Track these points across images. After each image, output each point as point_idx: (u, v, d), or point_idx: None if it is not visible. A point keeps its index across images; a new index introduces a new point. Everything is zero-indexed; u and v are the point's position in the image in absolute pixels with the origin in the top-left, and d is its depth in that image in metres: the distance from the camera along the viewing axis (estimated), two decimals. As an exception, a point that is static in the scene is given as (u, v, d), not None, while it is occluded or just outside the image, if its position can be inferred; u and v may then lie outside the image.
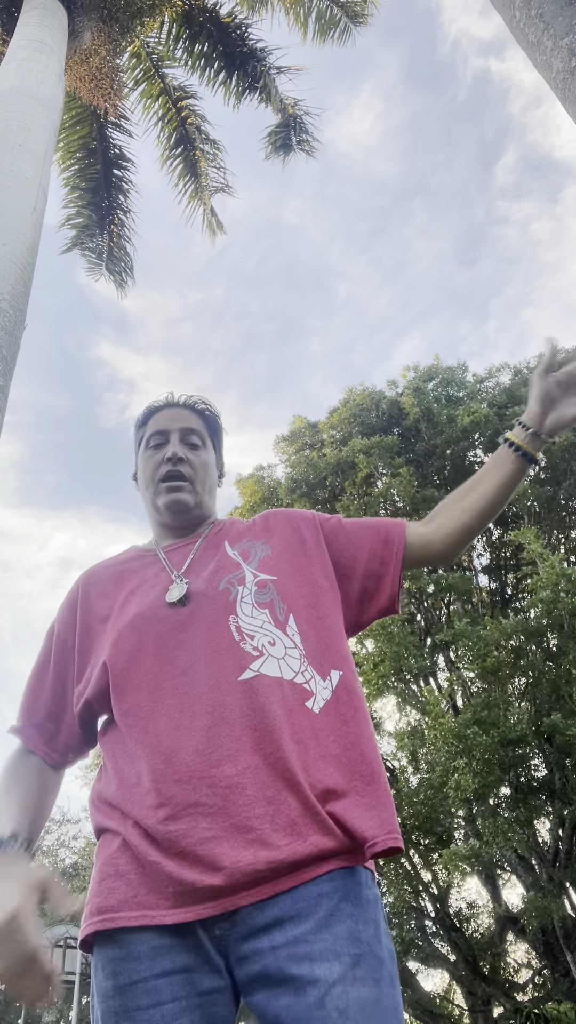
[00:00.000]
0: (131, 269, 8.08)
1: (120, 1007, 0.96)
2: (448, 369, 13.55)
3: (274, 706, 1.09)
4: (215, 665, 1.13)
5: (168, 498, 1.39)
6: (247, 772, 1.04)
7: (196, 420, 1.48)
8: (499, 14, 3.43)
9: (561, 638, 9.89)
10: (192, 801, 1.03)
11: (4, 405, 3.32)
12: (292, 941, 0.96)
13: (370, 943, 0.98)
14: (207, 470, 1.45)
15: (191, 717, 1.09)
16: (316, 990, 0.92)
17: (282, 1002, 0.93)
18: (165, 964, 0.97)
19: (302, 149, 8.18)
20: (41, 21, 5.38)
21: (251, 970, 0.97)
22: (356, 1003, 0.92)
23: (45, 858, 19.75)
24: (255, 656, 1.14)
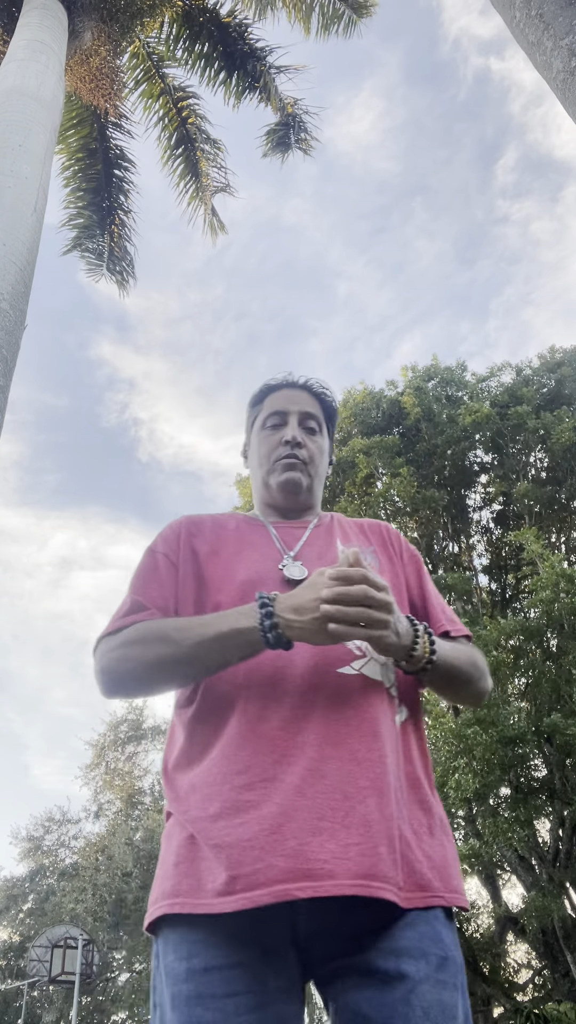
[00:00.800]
0: (132, 269, 8.08)
1: (193, 992, 0.93)
2: (448, 369, 13.54)
3: (368, 708, 1.09)
4: (315, 652, 1.11)
5: (283, 476, 1.37)
6: (329, 762, 1.02)
7: (314, 404, 1.45)
8: (499, 14, 3.42)
9: (561, 638, 9.89)
10: (272, 775, 1.01)
11: (4, 405, 3.32)
12: (379, 937, 0.97)
13: (451, 947, 1.00)
14: (322, 456, 1.44)
15: (283, 694, 1.08)
16: (403, 986, 0.93)
17: (365, 994, 0.94)
18: (241, 955, 0.95)
19: (300, 148, 8.18)
20: (41, 21, 5.38)
21: (334, 963, 0.97)
22: (438, 1005, 0.93)
23: (45, 858, 19.77)
24: (357, 655, 1.13)
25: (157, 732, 18.73)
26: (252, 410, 1.50)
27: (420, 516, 12.16)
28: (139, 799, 18.61)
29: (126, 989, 18.07)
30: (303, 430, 1.41)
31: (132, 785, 18.50)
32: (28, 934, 18.53)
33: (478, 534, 13.31)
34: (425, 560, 12.86)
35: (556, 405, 12.34)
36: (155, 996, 1.01)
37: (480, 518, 13.25)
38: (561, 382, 12.65)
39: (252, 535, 1.33)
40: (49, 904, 18.25)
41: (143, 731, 18.64)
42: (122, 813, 18.19)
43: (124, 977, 18.50)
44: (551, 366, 13.14)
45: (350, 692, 1.09)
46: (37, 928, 17.94)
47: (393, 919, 0.98)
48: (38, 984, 16.00)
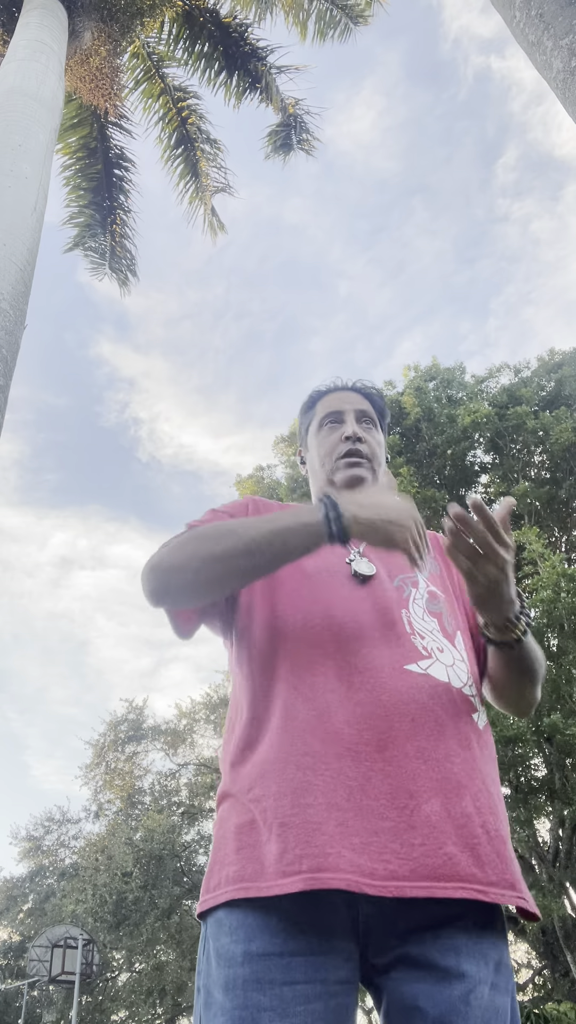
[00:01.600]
0: (134, 268, 8.09)
1: (251, 975, 0.91)
2: (447, 370, 13.55)
3: (434, 707, 1.07)
4: (383, 647, 1.10)
5: (348, 473, 1.36)
6: (394, 760, 1.01)
7: (366, 403, 1.47)
8: (499, 14, 3.43)
9: (561, 638, 9.89)
10: (336, 768, 1.00)
11: (4, 404, 3.32)
12: (438, 933, 0.96)
13: (506, 952, 1.00)
14: (382, 451, 1.44)
15: (348, 687, 1.06)
16: (463, 985, 0.92)
17: (422, 986, 0.92)
18: (300, 944, 0.93)
19: (302, 148, 8.19)
20: (41, 21, 5.39)
21: (392, 953, 0.96)
22: (493, 1009, 0.92)
23: (45, 858, 19.78)
24: (424, 656, 1.12)
25: (157, 732, 18.73)
26: (304, 417, 1.52)
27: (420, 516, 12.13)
28: (139, 799, 18.61)
29: (126, 989, 18.07)
30: (361, 426, 1.42)
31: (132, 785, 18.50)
32: (28, 934, 18.54)
33: (478, 534, 13.28)
34: (425, 560, 12.86)
35: (556, 406, 12.34)
36: (201, 979, 0.98)
37: (480, 518, 13.22)
38: (561, 383, 12.66)
39: None
40: (49, 904, 18.27)
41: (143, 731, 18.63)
42: (122, 813, 18.19)
43: (124, 977, 18.51)
44: (550, 367, 13.15)
45: (416, 692, 1.07)
46: (37, 928, 17.95)
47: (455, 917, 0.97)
48: (38, 984, 16.01)
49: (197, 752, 18.77)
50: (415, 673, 1.09)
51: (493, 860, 0.99)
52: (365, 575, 1.20)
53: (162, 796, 18.42)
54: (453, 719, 1.08)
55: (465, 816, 0.99)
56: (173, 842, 16.25)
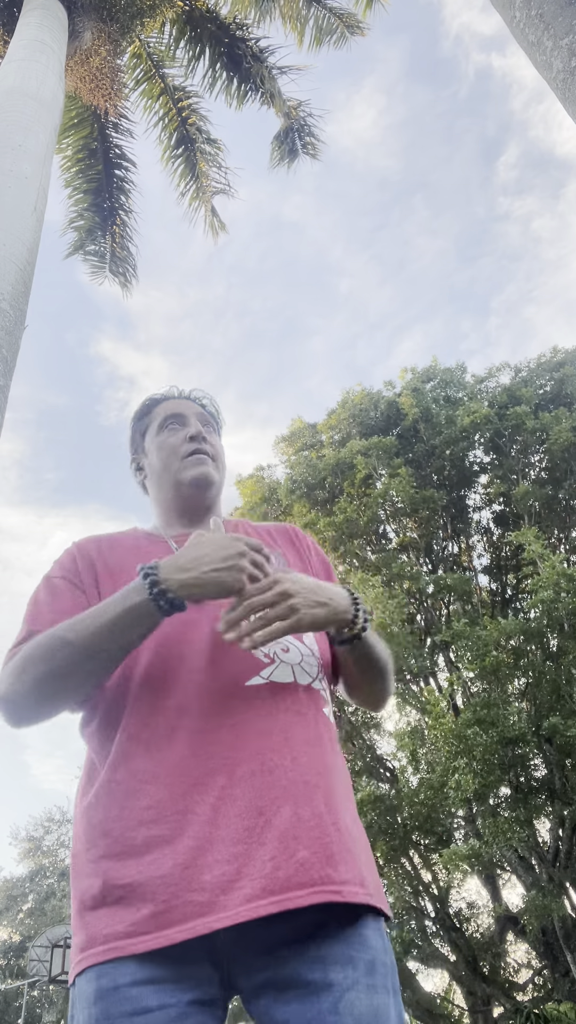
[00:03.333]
0: (135, 269, 8.09)
1: (103, 1012, 0.90)
2: (447, 370, 13.56)
3: (279, 715, 1.07)
4: (220, 668, 1.10)
5: (195, 471, 1.35)
6: (241, 782, 1.00)
7: (204, 416, 1.48)
8: (499, 14, 3.43)
9: (561, 638, 9.90)
10: (182, 809, 0.98)
11: (4, 405, 3.32)
12: (302, 946, 0.94)
13: (379, 950, 0.97)
14: (224, 455, 1.45)
15: (188, 720, 1.05)
16: (330, 995, 0.89)
17: (291, 1007, 0.90)
18: (154, 973, 0.92)
19: (307, 153, 8.20)
20: (41, 21, 5.39)
21: (257, 977, 0.94)
22: (371, 1011, 0.90)
23: (45, 858, 19.78)
24: (266, 663, 1.12)
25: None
26: (138, 424, 1.49)
27: (419, 516, 12.16)
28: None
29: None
30: (204, 429, 1.43)
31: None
32: (28, 934, 18.53)
33: (478, 534, 13.32)
34: (425, 560, 12.89)
35: (556, 405, 12.35)
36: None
37: (480, 518, 13.27)
38: (561, 382, 12.67)
39: (153, 549, 1.29)
40: (49, 904, 18.26)
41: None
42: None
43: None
44: (551, 366, 13.15)
45: (260, 702, 1.07)
46: (37, 928, 17.94)
47: (315, 927, 0.95)
48: (38, 984, 16.00)
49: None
50: (257, 685, 1.09)
51: (346, 857, 0.98)
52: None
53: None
54: (300, 719, 1.08)
55: (316, 817, 0.99)
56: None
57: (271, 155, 8.22)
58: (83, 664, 1.06)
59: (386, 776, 11.62)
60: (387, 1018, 0.91)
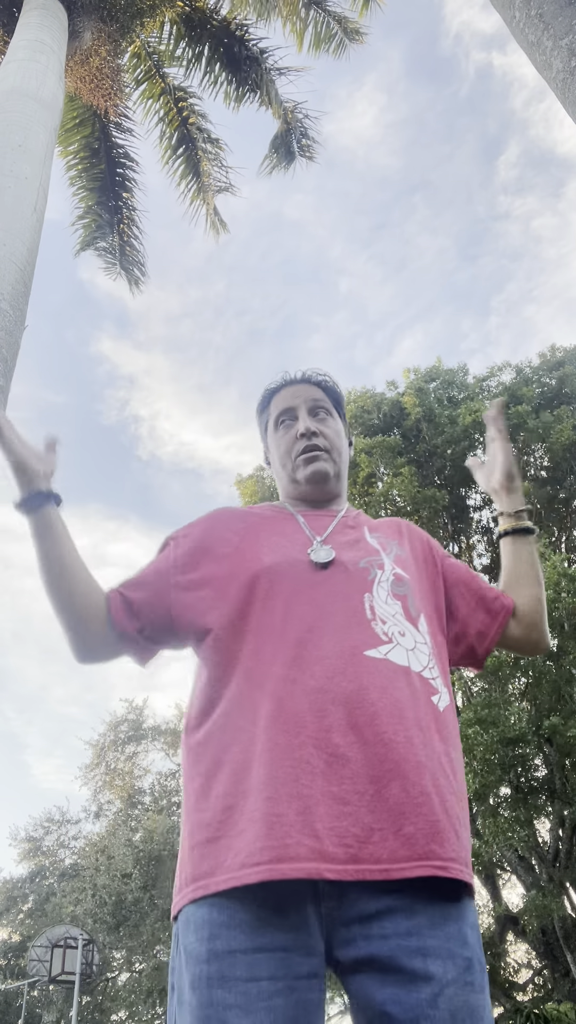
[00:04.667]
0: (143, 266, 8.10)
1: (215, 973, 0.92)
2: (449, 371, 13.57)
3: (393, 691, 1.08)
4: (343, 634, 1.12)
5: (309, 470, 1.37)
6: (354, 746, 1.02)
7: (318, 391, 1.46)
8: (499, 14, 3.42)
9: (562, 638, 9.89)
10: (298, 756, 1.01)
11: (4, 405, 3.33)
12: (405, 932, 0.95)
13: (476, 948, 0.98)
14: (341, 439, 1.45)
15: (309, 676, 1.07)
16: (430, 987, 0.91)
17: (389, 991, 0.92)
18: (264, 940, 0.94)
19: (304, 155, 8.19)
20: (41, 21, 5.39)
21: (358, 953, 0.95)
22: (466, 1008, 0.91)
23: (45, 859, 19.78)
24: (384, 641, 1.13)
25: (157, 732, 18.73)
26: (260, 418, 1.52)
27: (421, 516, 12.16)
28: (139, 799, 18.61)
29: (126, 989, 18.07)
30: (315, 418, 1.42)
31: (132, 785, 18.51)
32: (28, 934, 18.54)
33: (478, 534, 13.32)
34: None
35: (556, 404, 12.35)
36: (173, 977, 1.01)
37: (480, 518, 13.26)
38: (562, 381, 12.66)
39: (281, 523, 1.34)
40: (49, 905, 18.26)
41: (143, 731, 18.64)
42: (122, 813, 18.19)
43: (124, 977, 18.51)
44: (552, 365, 13.15)
45: (376, 674, 1.08)
46: (37, 928, 17.95)
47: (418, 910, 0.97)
48: (38, 984, 16.01)
49: (197, 752, 18.73)
50: (375, 658, 1.10)
51: (451, 839, 1.00)
52: (323, 562, 1.21)
53: (162, 796, 18.43)
54: (412, 702, 1.09)
55: (424, 795, 1.00)
56: (173, 843, 16.24)
57: (268, 159, 8.21)
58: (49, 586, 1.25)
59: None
60: (481, 1017, 0.93)
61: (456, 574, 1.38)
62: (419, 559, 1.35)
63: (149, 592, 1.26)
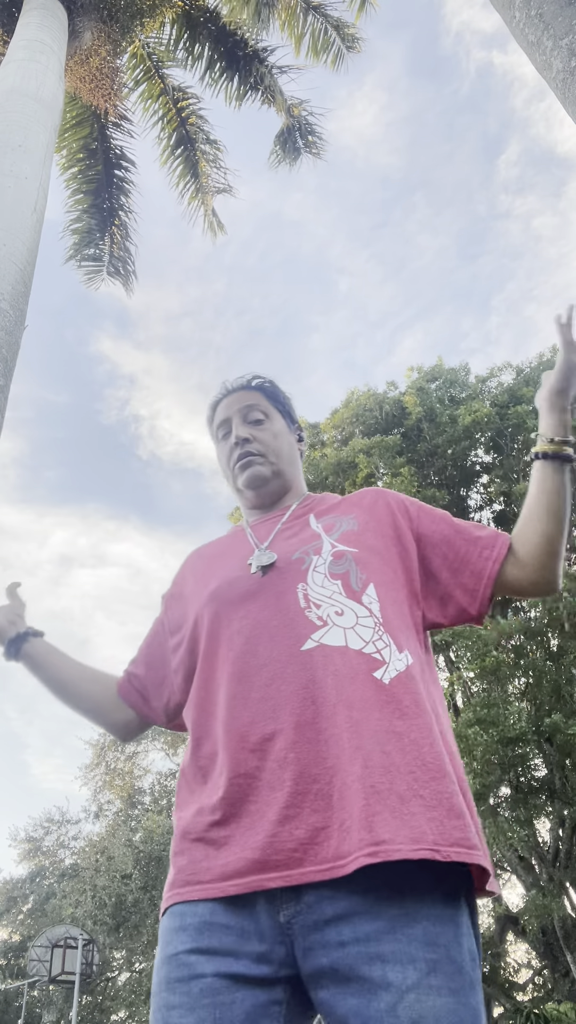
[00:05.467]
0: (134, 269, 8.09)
1: (165, 976, 0.97)
2: (451, 370, 13.57)
3: (329, 679, 1.07)
4: (278, 635, 1.13)
5: (244, 476, 1.39)
6: (297, 747, 1.02)
7: (254, 396, 1.47)
8: (499, 14, 3.42)
9: (561, 638, 9.89)
10: (244, 771, 1.04)
11: (4, 405, 3.32)
12: (363, 938, 0.91)
13: (448, 947, 0.91)
14: (278, 439, 1.44)
15: (250, 688, 1.09)
16: (388, 996, 0.87)
17: (349, 1003, 0.89)
18: (211, 942, 0.96)
19: (309, 152, 8.19)
20: (41, 21, 5.39)
21: (318, 963, 0.93)
22: (431, 1013, 0.86)
23: (45, 859, 19.78)
24: (318, 626, 1.12)
25: (157, 732, 18.72)
26: (209, 431, 1.54)
27: None
28: (139, 799, 18.61)
29: (126, 989, 18.07)
30: (248, 424, 1.43)
31: (132, 785, 18.51)
32: (28, 934, 18.54)
33: (478, 534, 13.30)
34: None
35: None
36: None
37: (480, 518, 13.26)
38: (561, 382, 12.65)
39: (234, 543, 1.36)
40: (49, 905, 18.26)
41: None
42: (122, 813, 18.19)
43: (124, 977, 18.51)
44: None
45: (313, 668, 1.08)
46: (37, 928, 17.95)
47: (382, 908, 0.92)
48: (38, 984, 16.01)
49: (197, 752, 18.72)
50: (309, 649, 1.10)
51: (385, 818, 0.94)
52: (265, 566, 1.22)
53: (162, 796, 18.42)
54: (348, 683, 1.06)
55: (357, 781, 0.97)
56: (173, 842, 16.18)
57: (273, 155, 8.21)
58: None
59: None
60: (448, 1021, 0.87)
61: (436, 531, 1.28)
62: (382, 525, 1.29)
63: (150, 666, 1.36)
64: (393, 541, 1.27)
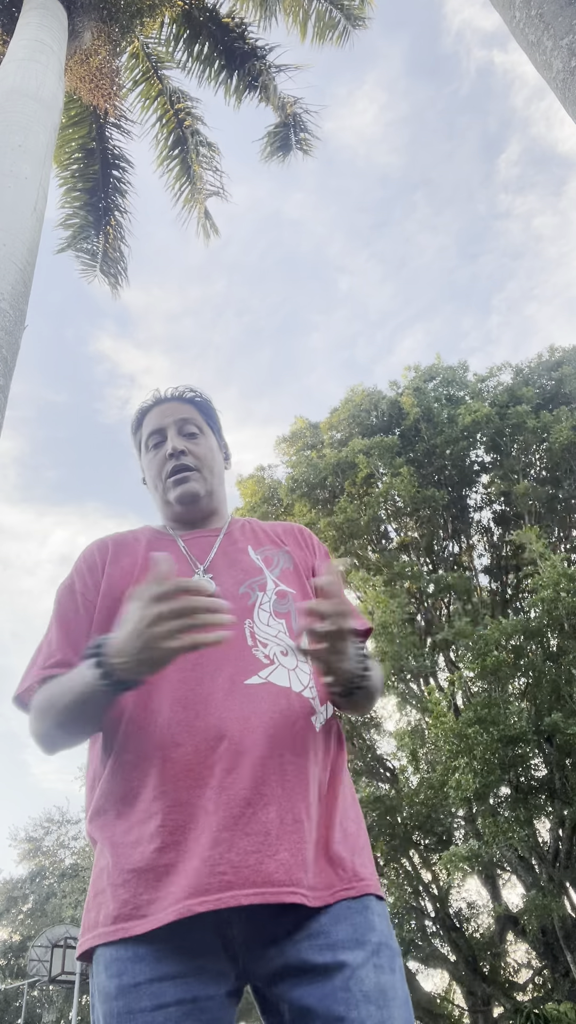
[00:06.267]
0: (126, 270, 8.07)
1: (123, 1008, 0.96)
2: (449, 369, 13.55)
3: (276, 715, 1.10)
4: (223, 667, 1.13)
5: (178, 491, 1.36)
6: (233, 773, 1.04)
7: (189, 409, 1.45)
8: (499, 14, 3.42)
9: (561, 638, 9.89)
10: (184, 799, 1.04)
11: (4, 405, 3.32)
12: (313, 934, 1.00)
13: (385, 934, 1.04)
14: (212, 456, 1.43)
15: (194, 715, 1.09)
16: (342, 974, 0.96)
17: (307, 989, 0.97)
18: (168, 968, 0.97)
19: (301, 149, 8.18)
20: (41, 21, 5.38)
21: (271, 965, 1.00)
22: (378, 988, 0.96)
23: (45, 859, 19.77)
24: (265, 664, 1.14)
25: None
26: (135, 438, 1.50)
27: (420, 516, 12.16)
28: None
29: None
30: (183, 437, 1.40)
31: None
32: (28, 934, 18.53)
33: (478, 534, 13.31)
34: (425, 560, 12.88)
35: (556, 404, 12.34)
36: (92, 1015, 1.04)
37: (480, 518, 13.26)
38: (561, 381, 12.66)
39: (163, 546, 1.32)
40: (49, 905, 18.26)
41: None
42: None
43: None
44: (551, 365, 13.14)
45: (258, 702, 1.10)
46: (37, 928, 17.94)
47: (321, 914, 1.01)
48: (38, 984, 16.00)
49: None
50: (254, 685, 1.12)
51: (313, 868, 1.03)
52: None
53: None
54: (290, 725, 1.10)
55: (296, 823, 1.03)
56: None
57: (264, 148, 8.20)
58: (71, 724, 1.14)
59: (386, 776, 11.61)
60: (394, 995, 0.97)
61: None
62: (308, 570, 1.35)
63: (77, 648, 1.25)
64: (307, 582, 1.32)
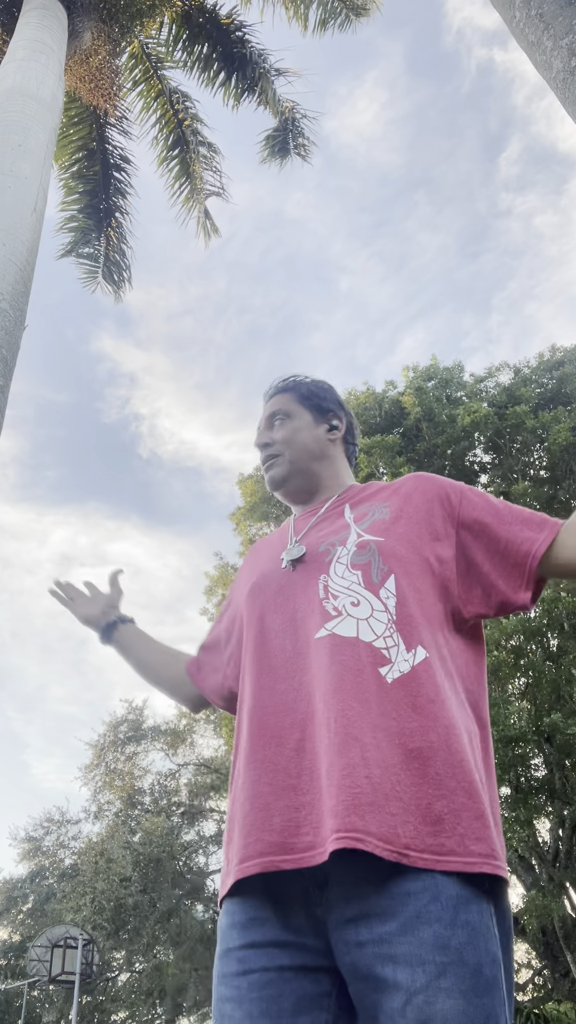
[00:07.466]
0: (129, 274, 8.05)
1: (218, 971, 1.03)
2: (446, 369, 13.56)
3: (337, 667, 1.08)
4: (302, 626, 1.17)
5: (267, 479, 1.47)
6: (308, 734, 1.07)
7: (280, 399, 1.52)
8: (499, 13, 3.43)
9: (561, 638, 9.90)
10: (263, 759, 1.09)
11: (4, 405, 3.32)
12: (377, 940, 0.93)
13: (460, 950, 0.90)
14: (297, 435, 1.46)
15: (273, 679, 1.15)
16: (399, 996, 0.89)
17: (369, 1000, 0.94)
18: (255, 936, 1.01)
19: (298, 154, 8.17)
20: (41, 21, 5.39)
21: (343, 961, 0.97)
22: (439, 1015, 0.87)
23: (45, 859, 19.77)
24: (332, 616, 1.14)
25: (157, 732, 18.72)
26: None
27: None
28: (139, 799, 18.60)
29: (126, 989, 18.07)
30: (269, 430, 1.50)
31: (132, 785, 18.49)
32: (28, 934, 18.53)
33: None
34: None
35: (555, 404, 12.35)
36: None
37: (480, 518, 13.23)
38: (561, 381, 12.66)
39: (280, 537, 1.42)
40: (49, 905, 18.25)
41: (143, 731, 18.62)
42: (122, 814, 18.18)
43: (124, 977, 18.50)
44: (550, 365, 13.15)
45: (322, 655, 1.11)
46: (37, 928, 17.94)
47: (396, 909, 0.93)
48: (38, 984, 16.00)
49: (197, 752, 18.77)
50: (321, 638, 1.14)
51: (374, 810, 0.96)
52: (295, 559, 1.27)
53: (162, 796, 18.42)
54: (355, 676, 1.07)
55: (349, 768, 0.98)
56: (172, 844, 16.23)
57: (262, 152, 8.20)
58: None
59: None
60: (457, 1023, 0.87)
61: (476, 519, 1.23)
62: (418, 512, 1.25)
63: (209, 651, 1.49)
64: (427, 529, 1.23)
